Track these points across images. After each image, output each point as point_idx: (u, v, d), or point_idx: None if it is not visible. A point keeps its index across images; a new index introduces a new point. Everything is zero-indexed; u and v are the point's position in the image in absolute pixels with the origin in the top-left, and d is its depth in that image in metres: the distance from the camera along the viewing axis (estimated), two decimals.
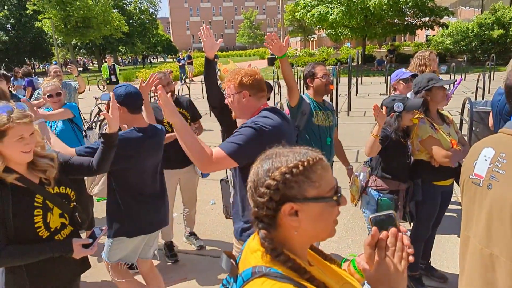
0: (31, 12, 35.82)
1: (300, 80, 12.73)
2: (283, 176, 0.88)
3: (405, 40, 37.11)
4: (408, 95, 3.21)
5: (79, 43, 38.27)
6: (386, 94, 11.46)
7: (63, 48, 39.55)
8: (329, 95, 4.25)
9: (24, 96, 6.47)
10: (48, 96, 3.36)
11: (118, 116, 1.95)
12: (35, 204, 1.62)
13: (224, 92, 3.02)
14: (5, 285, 1.66)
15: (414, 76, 3.07)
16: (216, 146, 1.86)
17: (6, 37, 38.14)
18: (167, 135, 3.26)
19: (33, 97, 5.42)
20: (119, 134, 2.06)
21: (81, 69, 37.87)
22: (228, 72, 2.96)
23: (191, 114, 3.48)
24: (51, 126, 3.51)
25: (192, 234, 3.79)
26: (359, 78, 14.19)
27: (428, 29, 24.27)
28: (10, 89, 5.80)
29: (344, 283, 1.01)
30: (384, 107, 2.49)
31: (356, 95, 12.10)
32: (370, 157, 2.66)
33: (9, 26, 39.63)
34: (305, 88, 3.07)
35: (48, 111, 3.44)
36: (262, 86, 2.08)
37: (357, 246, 3.55)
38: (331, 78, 3.01)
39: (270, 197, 0.88)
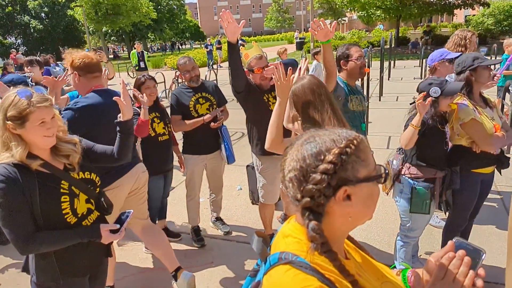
0: (63, 1, 36.81)
1: None
2: (339, 158, 0.80)
3: (442, 21, 35.25)
4: (447, 77, 3.00)
5: (109, 31, 39.00)
6: (421, 78, 10.96)
7: (95, 35, 40.46)
8: (360, 79, 4.06)
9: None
10: None
11: (130, 102, 1.92)
12: (62, 190, 1.63)
13: (248, 78, 2.96)
14: (35, 271, 1.69)
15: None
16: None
17: (41, 26, 39.50)
18: (194, 120, 3.25)
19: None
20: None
21: (111, 56, 38.75)
22: (249, 57, 2.89)
23: (217, 99, 3.44)
24: None
25: (218, 219, 3.80)
26: (392, 62, 13.63)
27: (467, 8, 22.84)
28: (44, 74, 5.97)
29: (385, 281, 0.93)
30: (422, 93, 2.32)
31: (389, 79, 11.64)
32: (406, 148, 2.50)
33: (43, 14, 40.97)
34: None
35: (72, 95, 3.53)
36: (91, 68, 2.37)
37: (387, 235, 3.43)
38: (366, 60, 2.84)
39: (328, 183, 0.80)
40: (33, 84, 4.00)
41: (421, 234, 2.76)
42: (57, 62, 8.30)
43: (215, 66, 16.21)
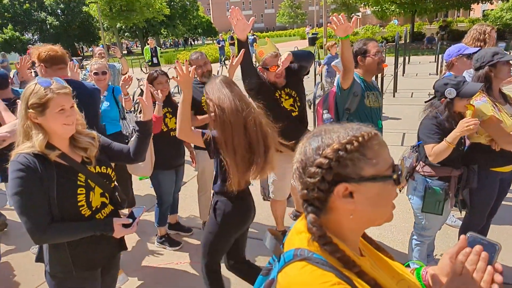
0: None
1: None
2: (336, 153, 0.80)
3: (458, 16, 34.49)
4: (465, 73, 2.91)
5: (123, 27, 39.39)
6: (436, 74, 10.75)
7: (109, 31, 40.93)
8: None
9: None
10: (94, 73, 3.50)
11: (151, 103, 1.93)
12: (78, 182, 1.64)
13: (259, 74, 2.93)
14: (49, 261, 1.71)
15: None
16: None
17: (57, 22, 40.15)
18: (206, 115, 3.25)
19: (80, 78, 5.63)
20: None
21: (125, 52, 39.15)
22: (263, 54, 2.85)
23: None
24: None
25: None
26: (407, 57, 13.39)
27: (485, 3, 22.24)
28: None
29: (400, 279, 0.90)
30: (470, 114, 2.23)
31: (403, 75, 11.45)
32: (435, 161, 2.33)
33: (59, 11, 41.63)
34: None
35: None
36: (56, 60, 2.54)
37: (401, 233, 3.38)
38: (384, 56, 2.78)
39: (322, 177, 0.80)
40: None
41: (436, 233, 2.70)
42: (72, 58, 8.41)
43: (227, 62, 16.21)
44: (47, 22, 40.29)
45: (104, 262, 1.85)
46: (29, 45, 28.25)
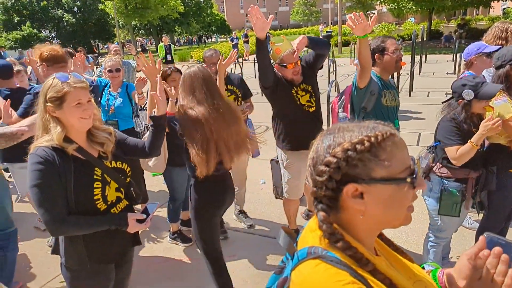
0: None
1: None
2: (344, 153, 0.78)
3: (477, 14, 33.70)
4: (484, 72, 2.84)
5: (138, 24, 39.78)
6: (454, 73, 10.54)
7: (124, 29, 41.40)
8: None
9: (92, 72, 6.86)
10: (108, 71, 3.53)
11: (165, 98, 1.96)
12: (95, 177, 1.67)
13: (275, 72, 2.92)
14: (64, 254, 1.74)
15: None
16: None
17: (73, 20, 40.77)
18: None
19: (95, 74, 5.72)
20: None
21: (140, 49, 39.58)
22: (280, 52, 2.83)
23: (242, 92, 3.42)
24: (108, 100, 3.66)
25: (241, 212, 3.80)
26: (423, 56, 13.15)
27: (506, 0, 21.69)
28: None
29: (417, 280, 0.88)
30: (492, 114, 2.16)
31: (419, 74, 11.25)
32: (459, 164, 2.28)
33: (75, 8, 42.29)
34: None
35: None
36: (57, 59, 2.72)
37: (416, 234, 3.32)
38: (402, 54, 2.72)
39: (329, 176, 0.79)
40: None
41: (452, 235, 2.65)
42: (88, 55, 8.54)
43: (240, 60, 16.21)
44: (64, 19, 40.95)
45: (118, 257, 1.87)
46: (46, 42, 28.75)
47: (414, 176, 0.79)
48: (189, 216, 3.70)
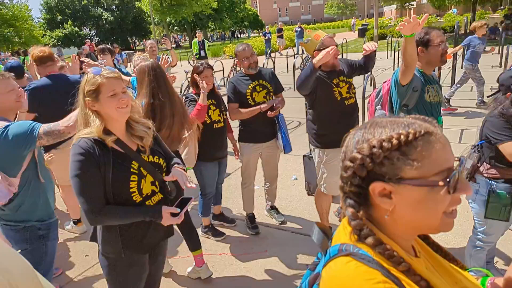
0: None
1: (395, 52, 11.69)
2: (370, 150, 0.75)
3: None
4: None
5: (173, 21, 40.60)
6: (500, 67, 9.92)
7: (159, 26, 42.41)
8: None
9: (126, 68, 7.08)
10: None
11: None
12: (132, 170, 1.71)
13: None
14: (101, 242, 1.80)
15: None
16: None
17: (112, 17, 42.30)
18: (251, 108, 3.22)
19: (129, 71, 5.87)
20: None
21: (174, 45, 40.37)
22: (320, 37, 2.81)
23: (274, 86, 3.37)
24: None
25: (273, 208, 3.77)
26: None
27: None
28: (114, 62, 6.38)
29: (463, 286, 0.81)
30: None
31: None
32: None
33: (114, 7, 43.84)
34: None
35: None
36: (44, 59, 3.23)
37: (458, 236, 3.15)
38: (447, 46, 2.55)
39: (353, 172, 0.77)
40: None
41: (498, 239, 2.48)
42: (122, 52, 8.82)
43: (273, 54, 16.13)
44: (103, 17, 42.58)
45: (152, 248, 1.91)
46: (87, 39, 30.00)
47: (449, 180, 0.72)
48: (220, 211, 3.73)
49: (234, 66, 10.52)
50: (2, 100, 2.13)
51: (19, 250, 2.12)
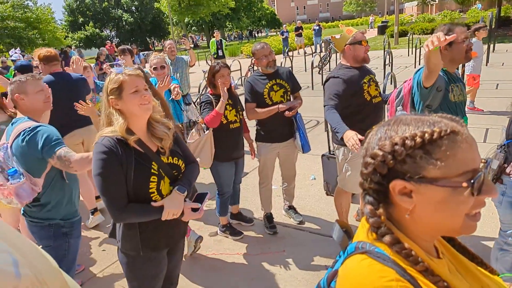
0: None
1: (416, 50, 11.44)
2: (392, 147, 0.74)
3: None
4: None
5: (191, 21, 41.01)
6: None
7: (177, 26, 42.92)
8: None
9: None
10: (153, 68, 3.65)
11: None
12: (152, 170, 1.73)
13: (342, 82, 2.86)
14: (121, 238, 1.84)
15: None
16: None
17: (131, 19, 43.10)
18: (268, 108, 3.20)
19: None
20: None
21: (192, 45, 40.77)
22: (352, 32, 2.85)
23: (291, 85, 3.34)
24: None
25: (291, 207, 3.75)
26: (491, 45, 12.07)
27: None
28: (134, 62, 6.49)
29: None
30: None
31: (487, 64, 10.34)
32: None
33: (133, 8, 44.63)
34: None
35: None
36: (50, 59, 3.50)
37: (482, 239, 3.05)
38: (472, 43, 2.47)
39: (374, 168, 0.77)
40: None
41: None
42: (140, 53, 8.98)
43: (290, 53, 16.05)
44: (123, 19, 43.43)
45: (170, 246, 1.93)
46: (107, 41, 30.65)
47: (473, 181, 0.70)
48: (238, 210, 3.73)
49: (252, 66, 10.53)
50: (31, 101, 2.19)
51: (41, 246, 2.18)
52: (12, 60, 8.23)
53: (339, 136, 2.60)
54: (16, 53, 8.12)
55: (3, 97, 2.84)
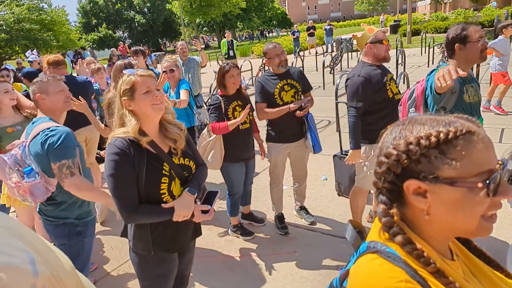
0: None
1: (429, 49, 11.28)
2: (406, 147, 0.74)
3: None
4: None
5: (202, 22, 41.26)
6: None
7: (189, 27, 43.18)
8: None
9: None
10: (163, 71, 3.69)
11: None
12: (163, 171, 1.73)
13: (367, 84, 2.85)
14: (132, 238, 1.85)
15: None
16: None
17: (144, 20, 43.59)
18: (279, 108, 3.20)
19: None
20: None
21: (203, 46, 40.97)
22: (373, 31, 2.87)
23: (302, 85, 3.33)
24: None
25: (302, 208, 3.74)
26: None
27: None
28: (146, 63, 6.58)
29: None
30: None
31: None
32: None
33: (145, 9, 45.14)
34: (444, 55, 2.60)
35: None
36: (58, 63, 3.66)
37: (497, 242, 2.99)
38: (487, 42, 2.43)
39: (388, 168, 0.76)
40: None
41: None
42: (151, 54, 9.10)
43: (302, 53, 15.97)
44: (135, 20, 43.96)
45: (181, 246, 1.94)
46: (120, 42, 31.03)
47: (488, 182, 0.69)
48: (249, 210, 3.73)
49: (263, 66, 10.53)
50: (52, 101, 2.24)
51: (52, 243, 2.22)
52: (29, 62, 8.38)
53: (350, 147, 2.80)
54: (33, 54, 8.25)
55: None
